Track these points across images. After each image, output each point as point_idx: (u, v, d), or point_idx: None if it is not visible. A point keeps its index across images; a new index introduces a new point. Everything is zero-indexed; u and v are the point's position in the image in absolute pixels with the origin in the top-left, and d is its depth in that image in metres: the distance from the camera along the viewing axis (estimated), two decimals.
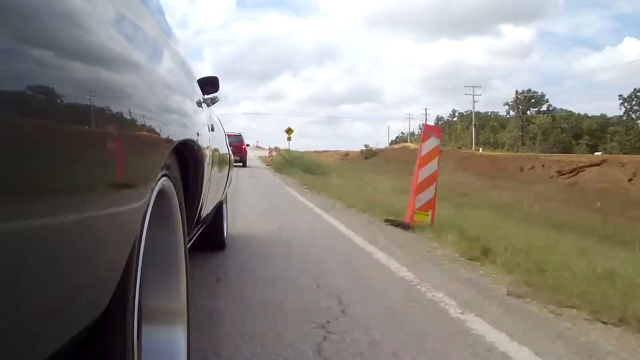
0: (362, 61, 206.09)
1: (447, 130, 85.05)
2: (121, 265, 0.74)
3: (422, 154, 4.73)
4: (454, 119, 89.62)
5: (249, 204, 6.61)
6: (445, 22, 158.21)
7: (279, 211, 6.10)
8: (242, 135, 22.56)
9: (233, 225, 4.16)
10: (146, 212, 0.85)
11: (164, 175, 1.01)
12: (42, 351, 0.57)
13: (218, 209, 2.98)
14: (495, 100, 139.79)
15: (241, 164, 20.65)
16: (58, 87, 0.51)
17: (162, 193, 1.04)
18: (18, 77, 0.44)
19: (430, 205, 4.67)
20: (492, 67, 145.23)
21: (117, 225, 0.70)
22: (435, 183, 4.71)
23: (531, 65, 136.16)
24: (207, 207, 1.98)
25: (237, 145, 20.43)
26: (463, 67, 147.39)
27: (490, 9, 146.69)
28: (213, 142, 1.97)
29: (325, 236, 4.30)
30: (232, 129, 25.07)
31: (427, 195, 4.66)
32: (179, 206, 1.19)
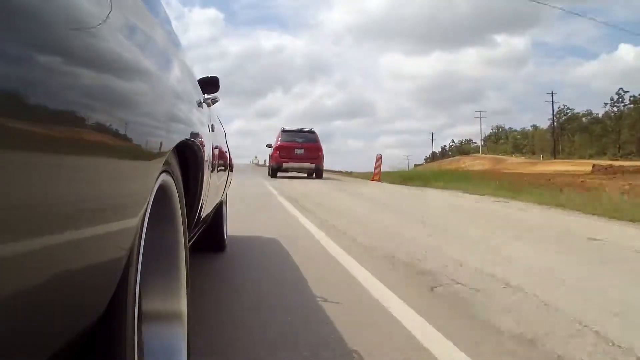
0: (354, 75, 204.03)
1: (595, 130, 59.41)
2: (121, 264, 0.73)
3: None
4: (621, 106, 55.55)
5: None
6: (437, 33, 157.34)
7: None
8: (315, 132, 13.84)
9: None
10: (146, 210, 0.84)
11: (165, 173, 1.01)
12: (42, 352, 0.56)
13: (218, 210, 2.98)
14: (493, 110, 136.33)
15: (314, 174, 13.41)
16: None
17: (162, 191, 1.04)
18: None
19: None
20: (487, 77, 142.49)
21: (117, 223, 0.70)
22: None
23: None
24: (207, 207, 1.98)
25: (310, 146, 13.10)
26: (456, 78, 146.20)
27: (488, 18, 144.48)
28: (213, 142, 1.96)
29: None
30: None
31: None
32: (180, 205, 1.18)
